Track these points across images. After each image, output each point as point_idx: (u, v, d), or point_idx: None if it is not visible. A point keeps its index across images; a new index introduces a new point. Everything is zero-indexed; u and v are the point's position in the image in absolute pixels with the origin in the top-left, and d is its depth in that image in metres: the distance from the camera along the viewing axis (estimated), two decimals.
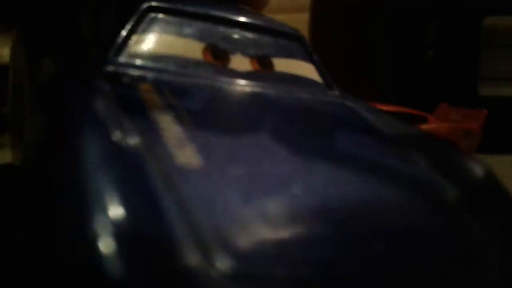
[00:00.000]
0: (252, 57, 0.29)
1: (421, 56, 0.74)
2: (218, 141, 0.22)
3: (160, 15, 0.28)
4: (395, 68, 0.77)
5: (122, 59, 0.26)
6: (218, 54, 0.28)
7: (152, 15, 0.28)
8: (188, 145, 0.20)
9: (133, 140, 0.19)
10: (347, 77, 0.83)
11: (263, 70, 0.29)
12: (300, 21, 0.99)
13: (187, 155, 0.19)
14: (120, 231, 0.15)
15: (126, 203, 0.16)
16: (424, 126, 0.59)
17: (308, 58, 0.32)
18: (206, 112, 0.24)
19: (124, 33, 0.27)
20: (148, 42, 0.27)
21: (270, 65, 0.30)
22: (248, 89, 0.27)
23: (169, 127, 0.21)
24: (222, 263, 0.15)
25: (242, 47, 0.29)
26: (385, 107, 0.60)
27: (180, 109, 0.23)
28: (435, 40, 0.73)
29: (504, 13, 0.71)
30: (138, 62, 0.26)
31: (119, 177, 0.17)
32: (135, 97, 0.23)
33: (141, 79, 0.25)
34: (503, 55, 0.72)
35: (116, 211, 0.15)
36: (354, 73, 0.80)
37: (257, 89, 0.27)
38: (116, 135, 0.19)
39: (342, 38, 0.83)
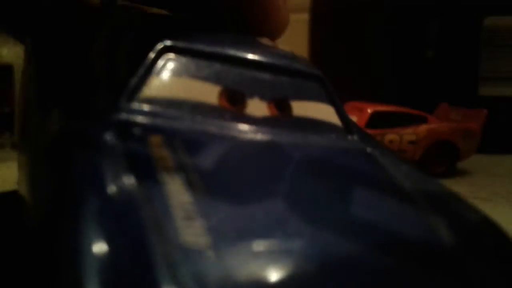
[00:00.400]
0: (270, 101, 0.28)
1: (421, 56, 0.74)
2: (229, 213, 0.21)
3: (176, 56, 0.27)
4: (395, 68, 0.76)
5: (135, 105, 0.25)
6: (234, 99, 0.28)
7: (168, 55, 0.27)
8: (196, 220, 0.19)
9: (138, 212, 0.18)
10: (347, 77, 0.83)
11: (280, 115, 0.28)
12: (299, 21, 0.99)
13: (194, 233, 0.18)
14: None
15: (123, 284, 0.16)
16: (424, 126, 0.59)
17: (328, 100, 0.31)
18: (219, 172, 0.24)
19: (137, 75, 0.26)
20: (163, 85, 0.26)
21: (288, 109, 0.29)
22: (264, 139, 0.26)
23: (179, 194, 0.20)
24: None
25: (259, 90, 0.28)
26: (385, 107, 0.60)
27: (192, 170, 0.22)
28: (435, 40, 0.73)
29: (504, 13, 0.71)
30: (151, 108, 0.25)
31: (118, 258, 0.16)
32: (145, 154, 0.22)
33: (153, 129, 0.24)
34: (503, 55, 0.72)
35: None
36: (354, 73, 0.80)
37: (273, 140, 0.26)
38: (120, 207, 0.18)
39: (342, 38, 0.83)
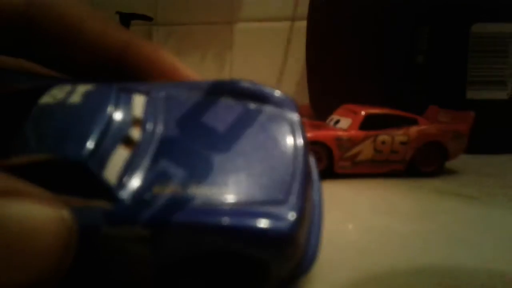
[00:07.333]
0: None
1: (412, 61, 0.74)
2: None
3: None
4: (388, 73, 0.76)
5: None
6: None
7: None
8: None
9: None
10: (343, 82, 0.82)
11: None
12: (297, 29, 0.99)
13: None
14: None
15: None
16: (415, 128, 0.58)
17: None
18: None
19: None
20: None
21: None
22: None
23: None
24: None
25: None
26: (378, 110, 0.60)
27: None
28: (425, 46, 0.72)
29: (490, 20, 0.71)
30: None
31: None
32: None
33: None
34: (490, 60, 0.72)
35: None
36: (349, 78, 0.80)
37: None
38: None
39: (338, 45, 0.83)
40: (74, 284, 0.20)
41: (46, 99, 0.24)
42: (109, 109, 0.24)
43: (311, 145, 0.54)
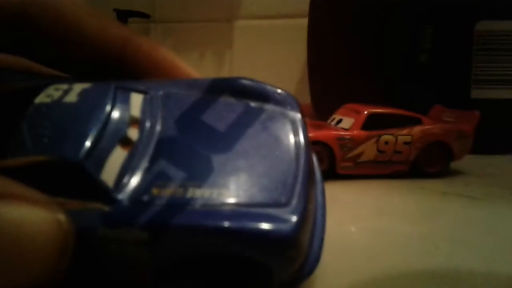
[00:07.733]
0: None
1: (416, 60, 0.74)
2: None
3: None
4: (391, 72, 0.76)
5: None
6: None
7: None
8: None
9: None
10: (345, 81, 0.82)
11: None
12: (298, 26, 0.99)
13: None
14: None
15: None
16: (419, 127, 0.58)
17: None
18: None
19: None
20: None
21: None
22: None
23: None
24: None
25: None
26: (381, 109, 0.60)
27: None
28: (429, 45, 0.72)
29: (495, 17, 0.71)
30: None
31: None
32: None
33: None
34: (494, 58, 0.71)
35: None
36: (351, 77, 0.80)
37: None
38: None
39: (340, 43, 0.83)
40: (73, 286, 0.20)
41: (42, 98, 0.24)
42: (106, 108, 0.24)
43: (312, 145, 0.54)
